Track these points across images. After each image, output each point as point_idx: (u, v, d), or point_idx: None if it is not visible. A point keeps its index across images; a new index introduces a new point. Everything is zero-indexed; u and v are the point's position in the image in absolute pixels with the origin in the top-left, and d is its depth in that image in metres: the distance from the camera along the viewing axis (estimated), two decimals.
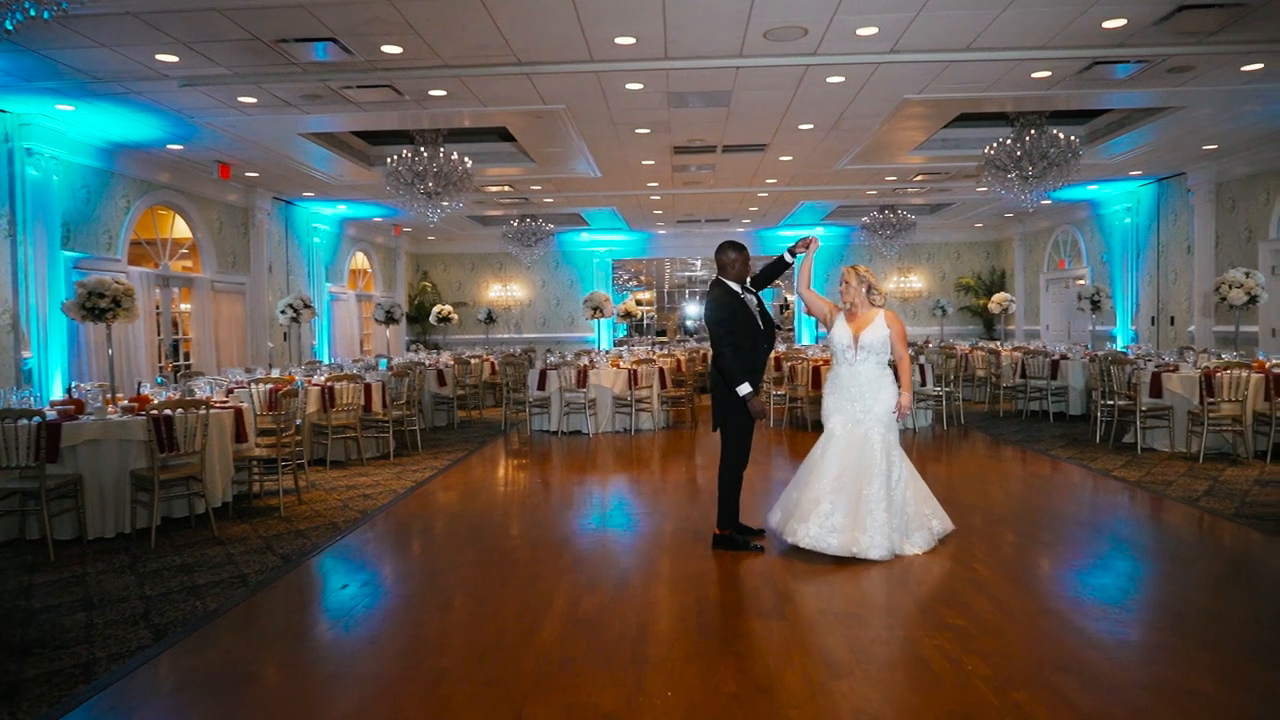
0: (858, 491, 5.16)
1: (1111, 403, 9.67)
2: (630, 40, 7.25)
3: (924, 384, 11.40)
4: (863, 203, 17.05)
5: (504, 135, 12.08)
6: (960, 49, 7.68)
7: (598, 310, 12.67)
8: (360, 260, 18.07)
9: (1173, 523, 6.18)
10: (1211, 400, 8.43)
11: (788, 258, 5.68)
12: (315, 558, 5.54)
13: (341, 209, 15.63)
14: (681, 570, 5.09)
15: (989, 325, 21.86)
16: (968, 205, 17.84)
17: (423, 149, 10.63)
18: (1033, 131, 10.40)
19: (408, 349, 18.35)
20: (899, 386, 5.38)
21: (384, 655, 3.85)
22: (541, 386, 11.45)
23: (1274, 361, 8.71)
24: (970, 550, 5.27)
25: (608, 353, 12.53)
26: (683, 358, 13.35)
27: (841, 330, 5.50)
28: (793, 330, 23.34)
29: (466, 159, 10.75)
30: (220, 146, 10.65)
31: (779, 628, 4.07)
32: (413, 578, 5.10)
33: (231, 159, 11.37)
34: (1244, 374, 8.47)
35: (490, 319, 18.74)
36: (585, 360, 11.59)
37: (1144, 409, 9.10)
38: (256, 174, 12.40)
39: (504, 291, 20.92)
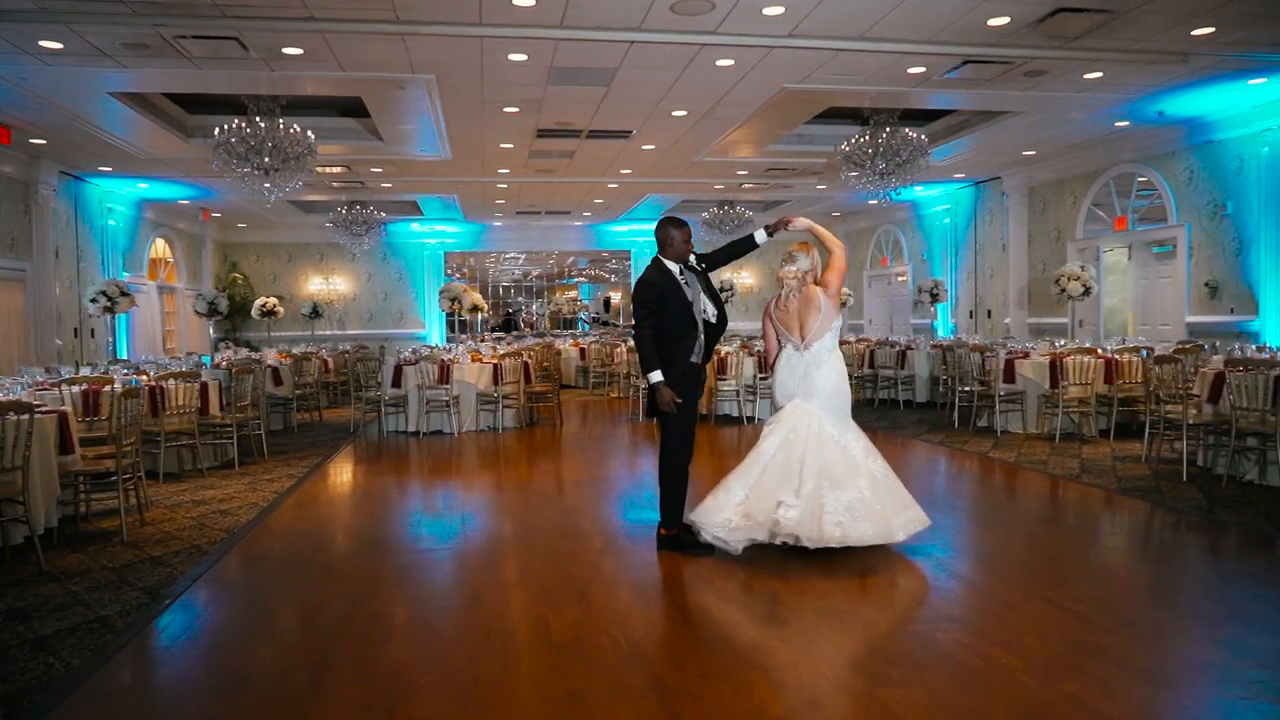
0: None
1: (969, 388, 10.18)
2: (530, 2, 6.66)
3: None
4: (705, 198, 17.20)
5: (346, 109, 11.02)
6: (854, 37, 7.72)
7: (455, 302, 11.84)
8: (161, 248, 15.99)
9: (1074, 499, 6.46)
10: (1063, 384, 9.03)
11: (759, 237, 5.22)
12: (190, 590, 4.57)
13: (142, 188, 13.70)
14: (640, 577, 4.64)
15: None
16: (800, 203, 18.46)
17: (259, 119, 9.42)
18: (888, 130, 10.78)
19: (217, 347, 16.44)
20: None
21: (345, 712, 3.12)
22: (397, 384, 10.51)
23: (1116, 348, 9.47)
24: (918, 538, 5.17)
25: (468, 348, 11.73)
26: (530, 355, 12.75)
27: None
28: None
29: (310, 132, 9.65)
30: (2, 104, 8.89)
31: (787, 634, 3.73)
32: (330, 606, 4.29)
33: (14, 120, 9.56)
34: (1089, 359, 9.15)
35: (316, 314, 17.20)
36: (447, 355, 10.76)
37: (1003, 394, 9.63)
38: (44, 141, 10.54)
39: (326, 285, 19.33)
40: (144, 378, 7.78)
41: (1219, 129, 10.88)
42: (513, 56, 7.97)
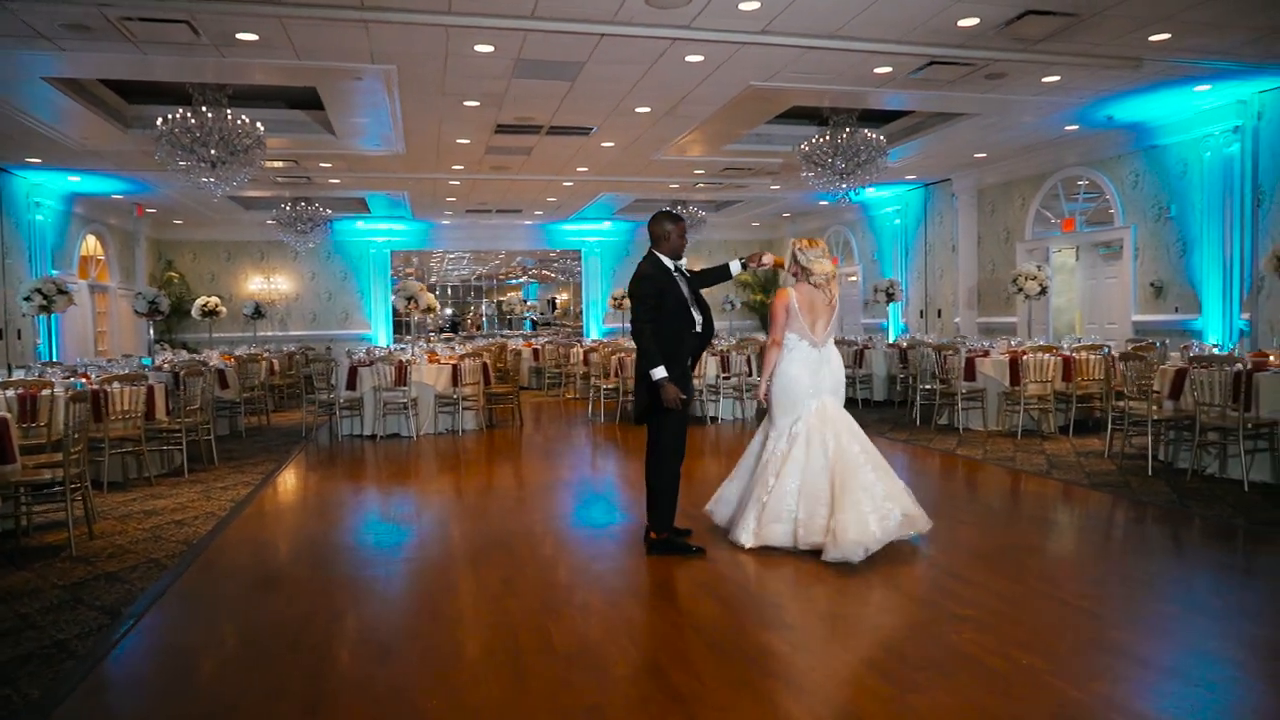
0: (748, 472, 5.14)
1: (930, 386, 10.27)
2: None
3: (750, 374, 11.49)
4: (659, 197, 17.11)
5: (295, 100, 10.61)
6: (825, 35, 7.68)
7: (412, 301, 11.53)
8: (92, 245, 15.22)
9: (1049, 495, 6.52)
10: (1024, 381, 9.17)
11: (734, 268, 5.17)
12: (154, 608, 4.26)
13: (74, 181, 12.99)
14: (634, 582, 4.49)
15: (764, 321, 22.95)
16: (752, 204, 18.51)
17: (205, 109, 8.99)
18: (848, 130, 10.83)
19: (153, 348, 15.71)
20: (767, 369, 5.09)
21: None
22: (352, 386, 10.15)
23: (1075, 346, 9.65)
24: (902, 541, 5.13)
25: (425, 349, 11.41)
26: (487, 356, 12.48)
27: None
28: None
29: (259, 124, 9.25)
30: None
31: (798, 639, 3.62)
32: (313, 622, 4.03)
33: None
34: (1048, 357, 9.31)
35: (259, 314, 16.57)
36: (404, 356, 10.43)
37: (966, 393, 9.74)
38: None
39: (267, 284, 18.67)
40: (85, 381, 7.32)
41: (1164, 134, 11.20)
42: (479, 47, 7.73)
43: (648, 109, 10.11)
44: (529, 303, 23.89)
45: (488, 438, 10.06)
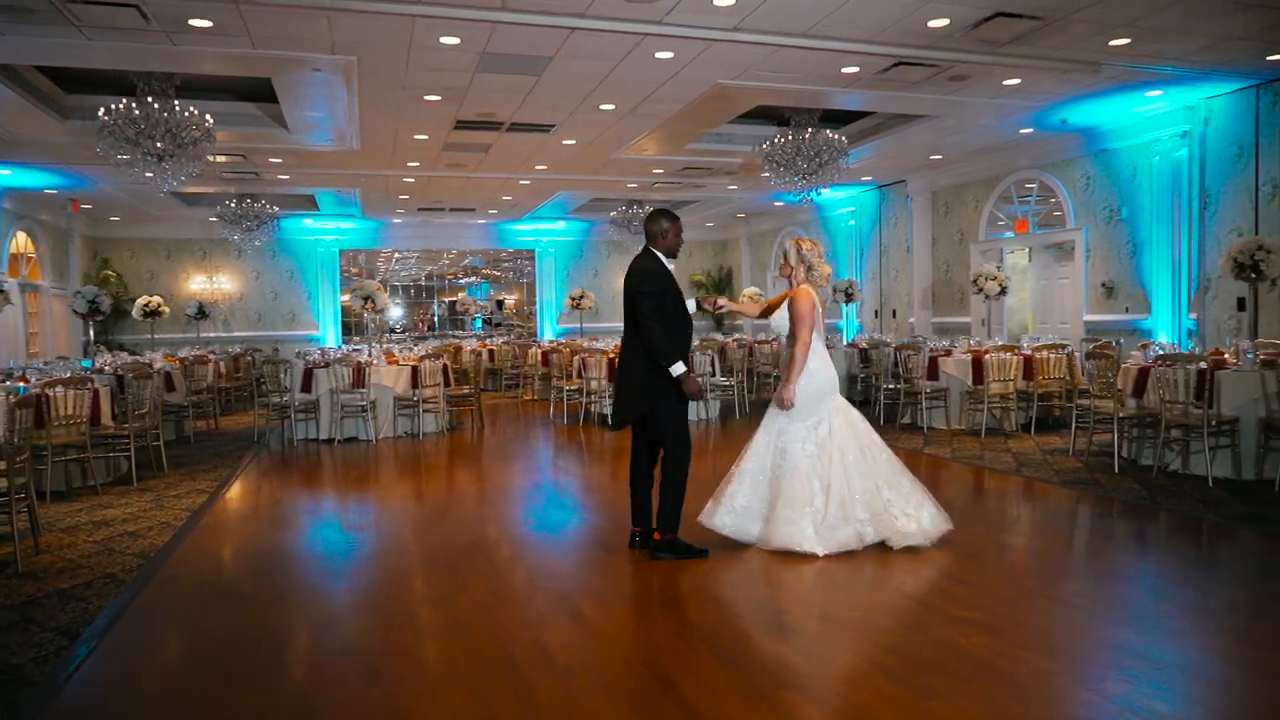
0: (743, 474, 4.91)
1: (895, 385, 10.34)
2: None
3: (714, 375, 11.44)
4: (615, 196, 16.97)
5: (245, 92, 10.22)
6: (797, 34, 7.65)
7: (369, 301, 11.19)
8: (22, 242, 14.46)
9: (1023, 493, 6.58)
10: (987, 380, 9.28)
11: (690, 306, 5.01)
12: (115, 628, 3.98)
13: (4, 174, 12.32)
14: (626, 589, 4.37)
15: (719, 321, 22.97)
16: (707, 204, 18.51)
17: (151, 99, 8.58)
18: (810, 130, 10.85)
19: (88, 350, 15.01)
20: (795, 370, 4.91)
21: None
22: (307, 388, 9.81)
23: (1036, 345, 9.80)
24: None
25: (383, 349, 11.10)
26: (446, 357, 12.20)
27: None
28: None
29: (208, 116, 8.87)
30: None
31: (804, 646, 3.53)
32: (293, 641, 3.81)
33: None
34: (1009, 356, 9.44)
35: (202, 314, 15.97)
36: (362, 357, 10.12)
37: (929, 392, 9.82)
38: None
39: (209, 284, 18.03)
40: (25, 385, 6.90)
41: (1114, 138, 11.47)
42: (445, 39, 7.51)
43: (612, 106, 9.98)
44: (480, 302, 23.53)
45: (450, 441, 9.81)
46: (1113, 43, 8.06)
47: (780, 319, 5.09)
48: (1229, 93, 9.89)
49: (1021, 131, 11.74)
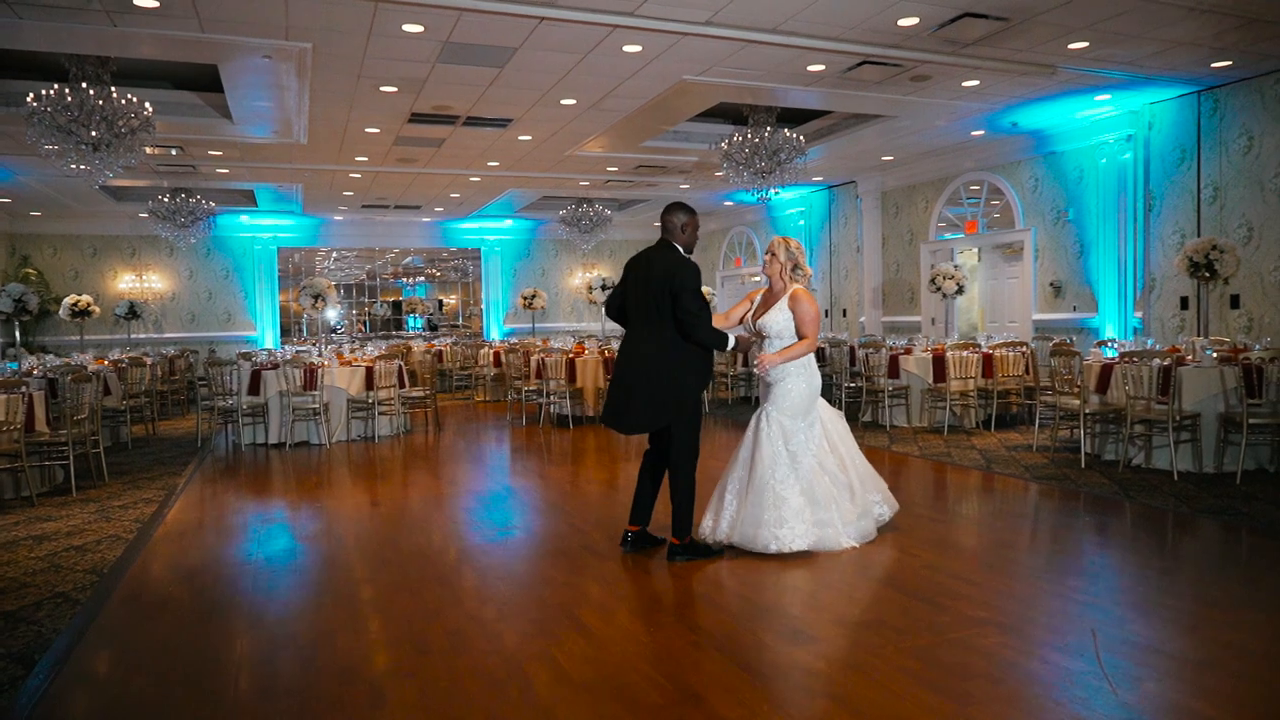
0: (756, 480, 4.72)
1: (856, 384, 10.38)
2: None
3: None
4: (565, 194, 16.75)
5: (184, 81, 9.73)
6: (768, 29, 7.58)
7: (318, 298, 10.74)
8: None
9: (1000, 489, 6.62)
10: (948, 378, 9.38)
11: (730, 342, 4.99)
12: (76, 653, 3.65)
13: None
14: (628, 596, 4.20)
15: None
16: (657, 203, 18.39)
17: (85, 85, 8.07)
18: (769, 129, 10.83)
19: (9, 353, 14.15)
20: (791, 354, 4.84)
21: None
22: (255, 391, 9.37)
23: (995, 343, 9.94)
24: (888, 540, 5.05)
25: (334, 350, 10.69)
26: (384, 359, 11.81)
27: (751, 314, 5.03)
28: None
29: (147, 104, 8.39)
30: None
31: (825, 651, 3.42)
32: (278, 662, 3.52)
33: None
34: (969, 354, 9.56)
35: (133, 314, 15.19)
36: (313, 358, 9.71)
37: (890, 390, 9.88)
38: None
39: (139, 283, 17.19)
40: None
41: (1062, 141, 11.75)
42: (407, 27, 7.22)
43: (574, 101, 9.78)
44: (426, 302, 23.03)
45: (408, 444, 9.49)
46: (1071, 45, 8.21)
47: (776, 321, 4.93)
48: (1172, 98, 10.20)
49: (973, 134, 11.93)
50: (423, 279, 29.94)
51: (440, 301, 29.82)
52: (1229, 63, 8.85)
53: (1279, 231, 9.31)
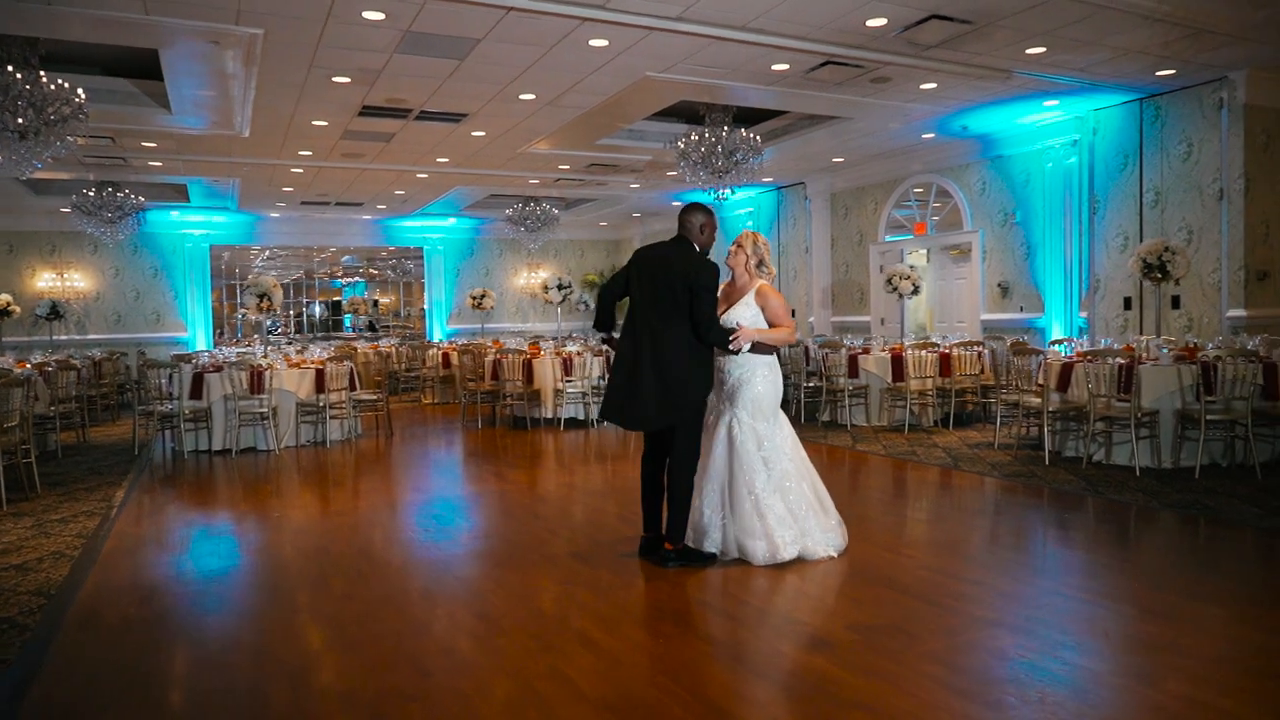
0: (738, 490, 4.58)
1: (814, 384, 10.41)
2: None
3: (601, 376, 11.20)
4: (511, 192, 16.46)
5: (118, 66, 9.21)
6: (738, 26, 7.50)
7: (263, 298, 10.29)
8: None
9: (973, 488, 6.66)
10: (908, 376, 9.46)
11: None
12: (36, 683, 3.34)
13: None
14: (627, 605, 4.05)
15: (612, 321, 22.74)
16: (604, 203, 18.28)
17: (11, 68, 7.54)
18: (726, 128, 10.80)
19: None
20: (773, 336, 4.69)
21: None
22: (197, 395, 8.91)
23: (953, 342, 10.07)
24: (880, 541, 5.01)
25: (283, 352, 10.25)
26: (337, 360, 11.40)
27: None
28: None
29: (80, 90, 7.89)
30: None
31: (847, 658, 3.32)
32: (270, 692, 3.28)
33: None
34: (926, 354, 9.66)
35: (55, 314, 14.36)
36: (259, 360, 9.28)
37: (851, 389, 9.93)
38: None
39: (59, 282, 16.27)
40: None
41: (1009, 145, 12.00)
42: (367, 14, 6.93)
43: (532, 96, 9.57)
44: (364, 300, 22.43)
45: (362, 449, 9.14)
46: (1030, 51, 8.35)
47: (744, 316, 4.82)
48: (1116, 105, 10.49)
49: (924, 136, 12.10)
50: (359, 278, 29.20)
51: (376, 301, 29.13)
52: (1172, 71, 9.13)
53: (1216, 235, 9.66)
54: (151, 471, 8.02)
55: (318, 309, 22.97)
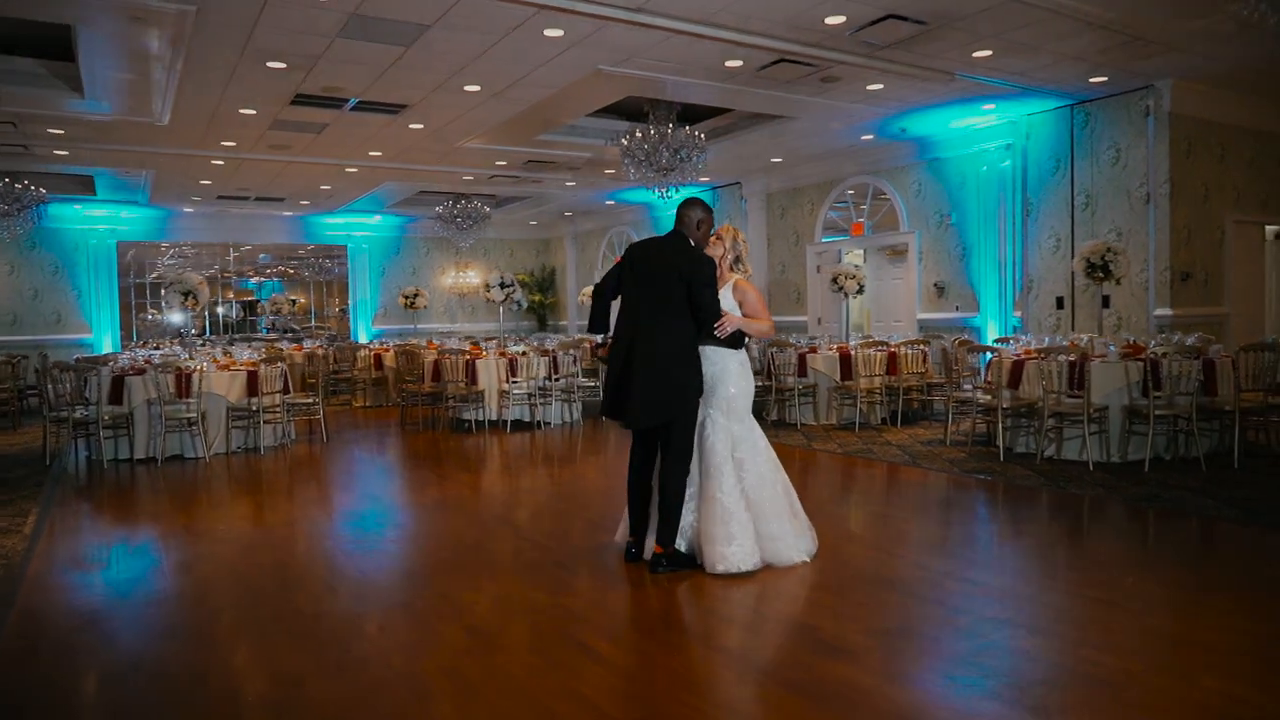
0: (706, 492, 4.43)
1: (762, 383, 10.37)
2: None
3: (578, 376, 10.98)
4: (444, 188, 16.00)
5: (22, 44, 8.50)
6: (697, 20, 7.39)
7: (189, 296, 9.63)
8: None
9: (939, 485, 6.68)
10: (858, 375, 9.52)
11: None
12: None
13: None
14: (629, 618, 3.86)
15: (542, 321, 22.46)
16: (536, 200, 17.97)
17: None
18: (670, 125, 10.69)
19: None
20: (755, 327, 4.54)
21: None
22: (117, 399, 8.27)
23: (898, 341, 10.17)
24: (866, 539, 4.94)
25: (210, 354, 9.63)
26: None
27: None
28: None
29: None
30: None
31: (868, 665, 3.21)
32: (267, 714, 2.96)
33: None
34: (875, 352, 9.74)
35: None
36: (186, 361, 8.69)
37: (801, 388, 9.93)
38: None
39: None
40: None
41: (945, 148, 12.25)
42: None
43: (478, 88, 9.25)
44: (283, 299, 21.47)
45: (299, 455, 8.66)
46: (976, 54, 8.49)
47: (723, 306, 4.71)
48: (1048, 110, 10.81)
49: (863, 138, 12.25)
50: (274, 277, 27.99)
51: (294, 301, 27.97)
52: (1105, 78, 9.44)
53: (1144, 238, 10.03)
54: (67, 484, 7.40)
55: (233, 309, 21.84)
